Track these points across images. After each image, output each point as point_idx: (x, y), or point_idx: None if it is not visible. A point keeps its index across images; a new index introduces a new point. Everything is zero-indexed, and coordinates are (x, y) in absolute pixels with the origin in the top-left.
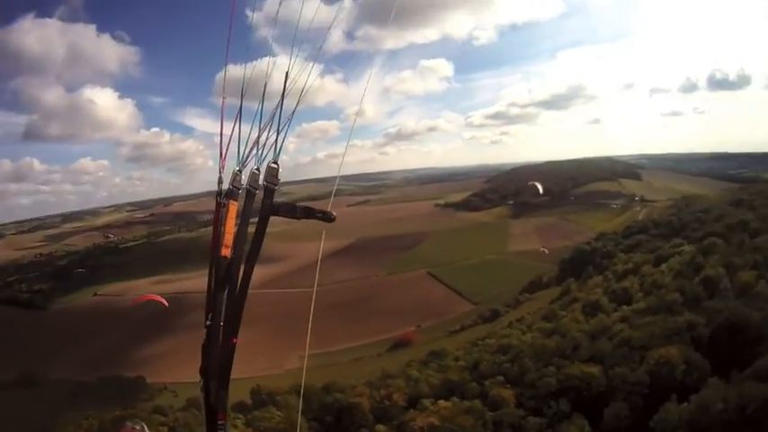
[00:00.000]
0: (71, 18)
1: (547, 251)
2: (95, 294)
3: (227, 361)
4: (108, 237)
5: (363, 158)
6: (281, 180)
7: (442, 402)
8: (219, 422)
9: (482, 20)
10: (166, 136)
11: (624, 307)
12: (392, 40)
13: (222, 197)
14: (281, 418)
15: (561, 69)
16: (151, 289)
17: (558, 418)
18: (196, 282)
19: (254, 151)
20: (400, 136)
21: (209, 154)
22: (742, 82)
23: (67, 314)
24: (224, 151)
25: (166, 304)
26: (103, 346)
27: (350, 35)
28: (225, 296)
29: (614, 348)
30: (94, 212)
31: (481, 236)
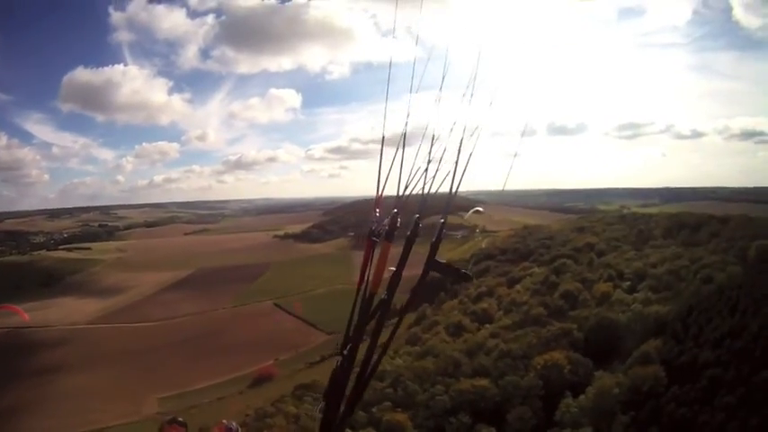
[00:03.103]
0: None
1: (392, 268)
2: None
3: (360, 391)
4: None
5: (201, 185)
6: None
7: None
8: None
9: (338, 55)
10: (3, 140)
11: (488, 325)
12: (246, 64)
13: (378, 237)
14: None
15: (406, 110)
16: None
17: (463, 431)
18: (30, 315)
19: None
20: (240, 164)
21: (45, 167)
22: (579, 129)
23: None
24: (381, 189)
25: (27, 318)
26: None
27: (205, 53)
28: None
29: (495, 361)
30: None
31: (324, 267)
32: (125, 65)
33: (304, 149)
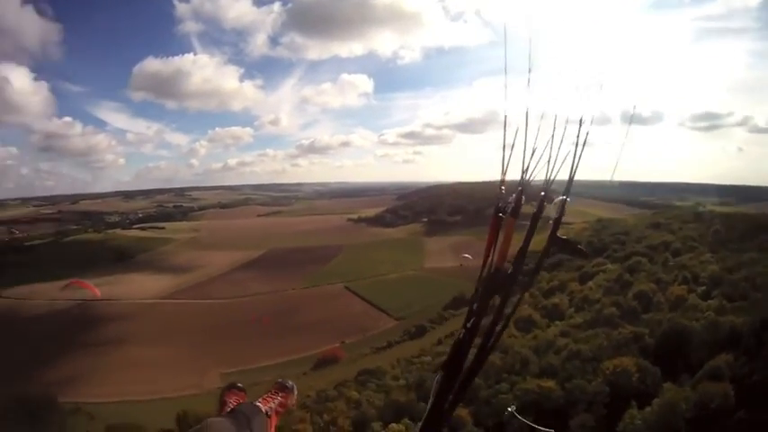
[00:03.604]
0: None
1: (471, 257)
2: None
3: (479, 364)
4: (13, 233)
5: (275, 169)
6: None
7: (394, 426)
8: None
9: (409, 40)
10: (79, 127)
11: (558, 322)
12: (317, 50)
13: (505, 213)
14: None
15: (479, 95)
16: (59, 294)
17: None
18: (101, 289)
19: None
20: (313, 148)
21: (120, 151)
22: (655, 118)
23: None
24: (505, 166)
25: (98, 293)
26: (6, 356)
27: (274, 40)
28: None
29: (564, 362)
30: (0, 204)
31: (397, 251)
32: (195, 54)
33: (377, 134)
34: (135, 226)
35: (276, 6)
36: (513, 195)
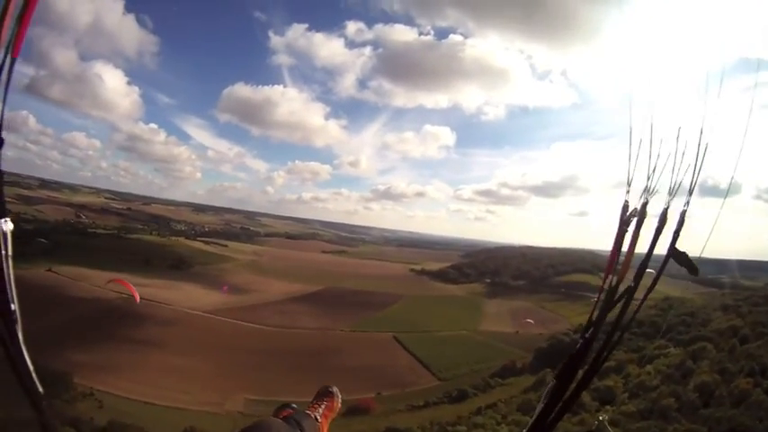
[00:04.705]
0: None
1: (533, 323)
2: (49, 270)
3: (591, 374)
4: (80, 217)
5: (347, 209)
6: None
7: None
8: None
9: (494, 96)
10: (162, 136)
11: (608, 407)
12: (403, 98)
13: (628, 225)
14: None
15: (557, 158)
16: (105, 284)
17: None
18: (151, 290)
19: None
20: (388, 195)
21: (198, 166)
22: (732, 190)
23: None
24: (631, 176)
25: (138, 299)
26: (38, 327)
27: (362, 83)
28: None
29: None
30: (73, 188)
31: (454, 309)
32: (284, 86)
33: (453, 189)
34: (199, 238)
35: (367, 50)
36: (638, 209)
